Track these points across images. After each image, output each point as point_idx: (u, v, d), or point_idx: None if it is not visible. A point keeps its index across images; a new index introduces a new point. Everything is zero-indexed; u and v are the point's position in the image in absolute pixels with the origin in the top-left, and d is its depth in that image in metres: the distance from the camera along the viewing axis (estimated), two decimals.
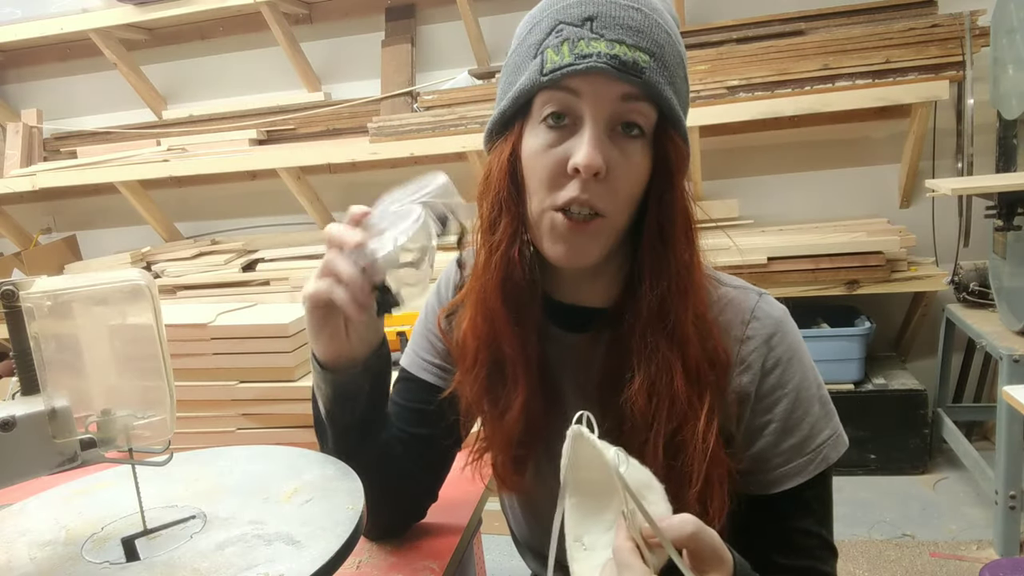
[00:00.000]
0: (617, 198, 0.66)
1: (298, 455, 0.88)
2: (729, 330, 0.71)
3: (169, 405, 0.68)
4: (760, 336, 0.70)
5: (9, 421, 0.62)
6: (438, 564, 0.85)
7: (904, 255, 2.51)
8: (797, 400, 0.70)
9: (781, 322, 0.71)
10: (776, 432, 0.70)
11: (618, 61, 0.62)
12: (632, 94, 0.64)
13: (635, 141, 0.66)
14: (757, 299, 0.72)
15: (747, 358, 0.70)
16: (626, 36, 0.63)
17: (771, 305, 0.72)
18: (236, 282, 2.99)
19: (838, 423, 0.73)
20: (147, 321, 0.66)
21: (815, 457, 0.70)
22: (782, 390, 0.70)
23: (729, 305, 0.72)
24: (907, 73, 2.46)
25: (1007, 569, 1.30)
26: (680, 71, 0.68)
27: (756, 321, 0.70)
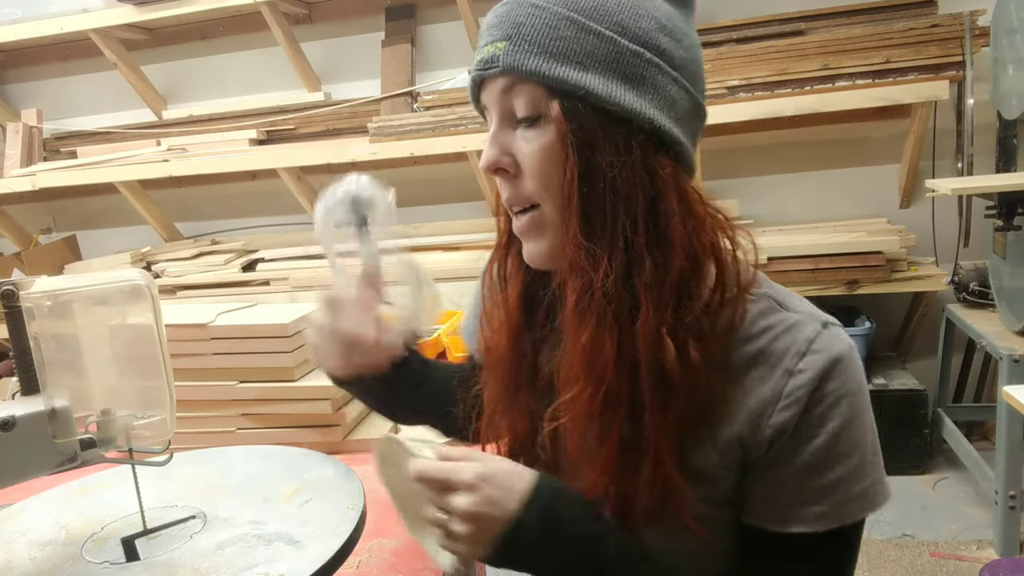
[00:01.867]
0: (534, 186, 0.64)
1: (298, 455, 0.88)
2: (780, 361, 0.63)
3: (169, 405, 0.68)
4: (813, 370, 0.62)
5: (9, 421, 0.62)
6: None
7: (904, 255, 2.51)
8: (835, 442, 0.62)
9: (841, 359, 0.62)
10: (800, 470, 0.63)
11: (482, 63, 0.64)
12: (507, 84, 0.63)
13: (533, 128, 0.63)
14: (820, 330, 0.63)
15: (793, 393, 0.62)
16: (489, 36, 0.64)
17: (835, 338, 0.63)
18: (236, 282, 2.99)
19: (877, 482, 0.64)
20: (147, 321, 0.66)
21: (835, 510, 0.63)
22: (822, 427, 0.62)
23: (787, 333, 0.64)
24: (907, 73, 2.46)
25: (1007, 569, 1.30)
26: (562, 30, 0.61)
27: (813, 354, 0.62)
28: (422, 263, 0.86)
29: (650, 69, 0.62)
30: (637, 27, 0.62)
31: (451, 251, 2.89)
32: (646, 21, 0.62)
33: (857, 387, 0.63)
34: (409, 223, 3.08)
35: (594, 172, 0.61)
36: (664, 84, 0.63)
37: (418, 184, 3.17)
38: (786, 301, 0.67)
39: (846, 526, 0.63)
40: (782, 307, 0.66)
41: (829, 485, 0.62)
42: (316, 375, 1.22)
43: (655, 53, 0.62)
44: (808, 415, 0.62)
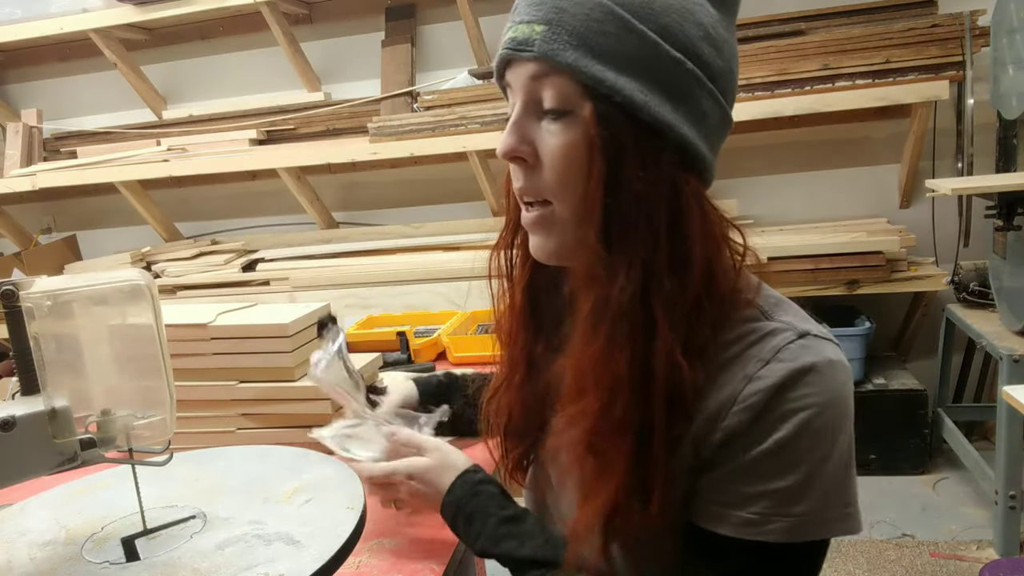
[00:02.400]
0: (551, 183, 0.62)
1: (298, 455, 0.88)
2: (743, 366, 0.60)
3: (169, 405, 0.68)
4: (772, 377, 0.58)
5: (9, 421, 0.62)
6: (438, 564, 0.85)
7: (904, 255, 2.51)
8: (780, 452, 0.58)
9: (810, 370, 0.58)
10: (740, 469, 0.60)
11: (515, 42, 0.60)
12: (538, 71, 0.60)
13: (557, 122, 0.60)
14: (792, 339, 0.60)
15: (749, 398, 0.59)
16: (526, 14, 0.60)
17: (808, 349, 0.59)
18: (236, 282, 2.99)
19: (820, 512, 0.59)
20: (147, 321, 0.66)
21: (761, 523, 0.59)
22: (770, 434, 0.58)
23: (760, 340, 0.61)
24: (907, 73, 2.46)
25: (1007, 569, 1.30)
26: (606, 25, 0.57)
27: (777, 363, 0.59)
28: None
29: (688, 80, 0.60)
30: (682, 33, 0.59)
31: (451, 251, 2.89)
32: (692, 27, 0.59)
33: (823, 402, 0.59)
34: (409, 223, 3.08)
35: (619, 182, 0.59)
36: (699, 97, 0.60)
37: (418, 184, 3.17)
38: (771, 311, 0.64)
39: (774, 544, 0.59)
40: (764, 316, 0.63)
41: (763, 494, 0.59)
42: None
43: (696, 63, 0.59)
44: (759, 420, 0.59)
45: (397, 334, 1.59)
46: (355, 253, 2.99)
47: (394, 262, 2.86)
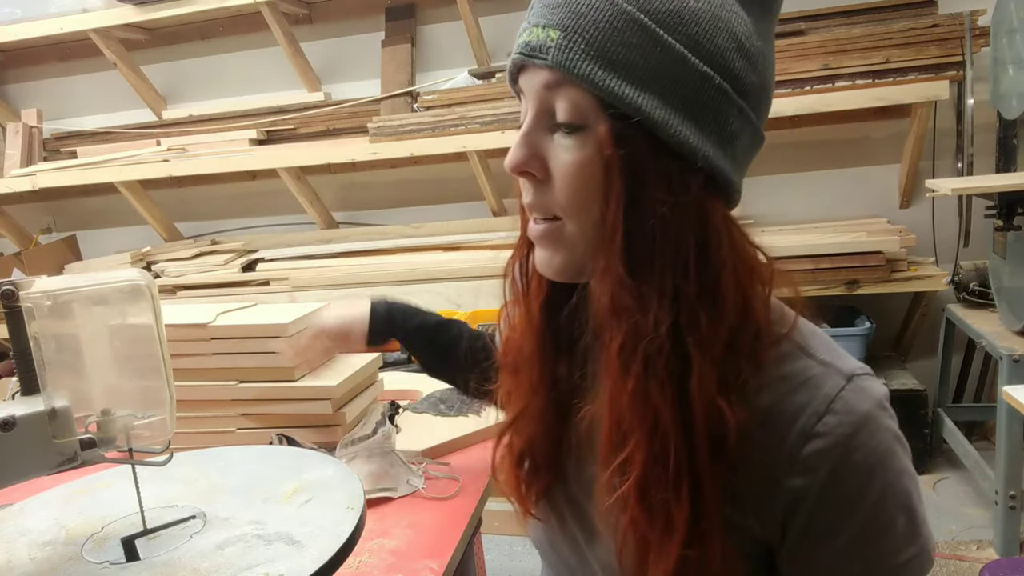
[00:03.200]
0: (561, 200, 0.57)
1: (298, 455, 0.88)
2: (796, 418, 0.55)
3: (169, 405, 0.68)
4: (835, 436, 0.54)
5: (9, 421, 0.62)
6: (438, 564, 0.85)
7: (904, 255, 2.51)
8: (876, 513, 0.55)
9: (868, 419, 0.55)
10: (846, 548, 0.55)
11: (529, 47, 0.55)
12: (552, 80, 0.55)
13: (570, 135, 0.56)
14: (843, 384, 0.55)
15: (811, 459, 0.54)
16: (542, 16, 0.55)
17: (860, 394, 0.56)
18: (236, 282, 2.99)
19: (926, 539, 0.57)
20: (147, 321, 0.66)
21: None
22: (858, 502, 0.55)
23: (805, 385, 0.56)
24: (907, 73, 2.46)
25: (1007, 569, 1.30)
26: (626, 35, 0.52)
27: (833, 415, 0.54)
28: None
29: (716, 97, 0.54)
30: (712, 44, 0.54)
31: (451, 251, 2.89)
32: (723, 38, 0.54)
33: (888, 446, 0.56)
34: (409, 223, 3.08)
35: (641, 205, 0.54)
36: (728, 116, 0.55)
37: (418, 184, 3.17)
38: (809, 345, 0.59)
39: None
40: (805, 354, 0.58)
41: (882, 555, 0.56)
42: (316, 375, 1.22)
43: (726, 78, 0.54)
44: (838, 490, 0.55)
45: None
46: (355, 253, 2.99)
47: (394, 262, 2.86)
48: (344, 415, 1.19)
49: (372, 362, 1.31)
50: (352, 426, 1.21)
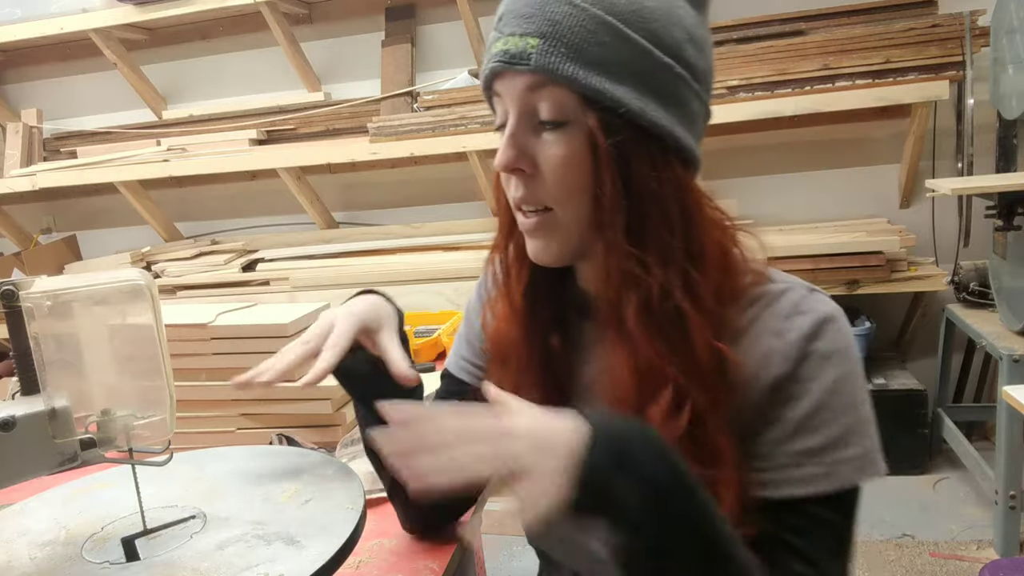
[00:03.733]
0: (553, 191, 0.63)
1: (298, 455, 0.88)
2: (768, 325, 0.64)
3: (169, 405, 0.68)
4: (800, 329, 0.63)
5: (9, 421, 0.62)
6: (438, 564, 0.85)
7: (904, 255, 2.51)
8: (826, 401, 0.62)
9: (830, 317, 0.64)
10: (791, 429, 0.62)
11: (508, 55, 0.61)
12: (534, 83, 0.61)
13: (555, 131, 0.62)
14: (805, 294, 0.65)
15: (783, 350, 0.63)
16: (517, 25, 0.60)
17: (821, 301, 0.65)
18: (236, 282, 2.99)
19: (875, 447, 0.63)
20: (147, 321, 0.66)
21: (832, 471, 0.61)
22: (809, 383, 0.62)
23: (775, 301, 0.65)
24: (907, 73, 2.46)
25: (1007, 569, 1.30)
26: (600, 35, 0.59)
27: (800, 315, 0.63)
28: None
29: (678, 84, 0.62)
30: (670, 37, 0.61)
31: (451, 251, 2.89)
32: (677, 31, 0.61)
33: (847, 347, 0.64)
34: (409, 223, 3.08)
35: (633, 185, 0.61)
36: (688, 99, 0.63)
37: (418, 184, 3.17)
38: (773, 274, 0.68)
39: (844, 491, 0.61)
40: (769, 280, 0.67)
41: (823, 445, 0.61)
42: None
43: (683, 67, 0.62)
44: (796, 372, 0.62)
45: None
46: (355, 253, 2.99)
47: (394, 262, 2.86)
48: (344, 415, 1.19)
49: None
50: (352, 426, 1.21)
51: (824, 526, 0.62)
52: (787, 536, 0.61)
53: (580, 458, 0.50)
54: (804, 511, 0.62)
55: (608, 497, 0.50)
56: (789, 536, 0.61)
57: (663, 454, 0.53)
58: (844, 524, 0.63)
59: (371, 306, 0.79)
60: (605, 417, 0.54)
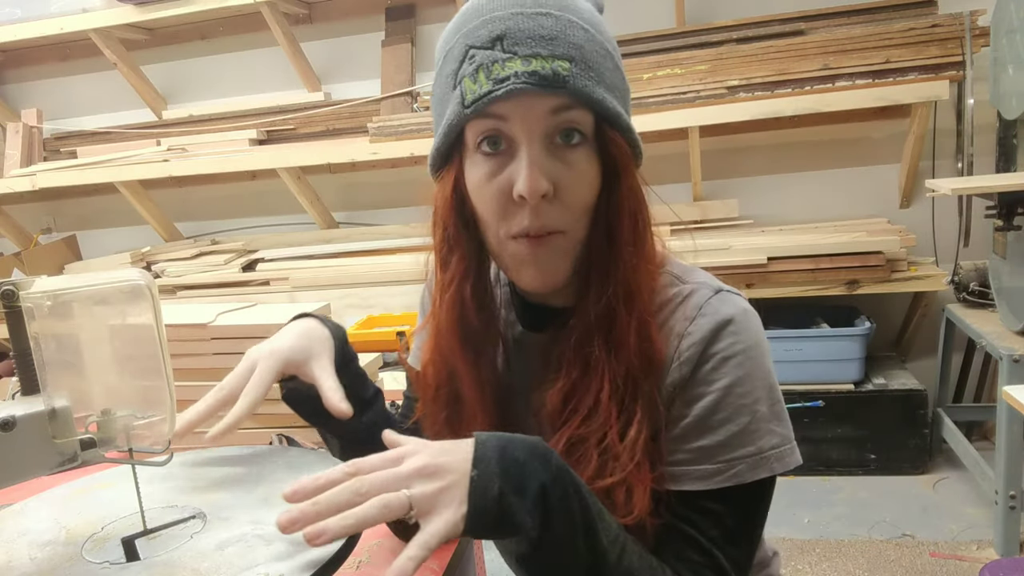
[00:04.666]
0: (571, 212, 0.64)
1: (298, 455, 0.88)
2: (675, 327, 0.67)
3: (169, 405, 0.68)
4: (700, 331, 0.65)
5: (9, 421, 0.62)
6: (438, 564, 0.85)
7: (904, 255, 2.51)
8: (722, 402, 0.65)
9: (731, 320, 0.65)
10: (689, 427, 0.65)
11: (537, 77, 0.59)
12: (561, 105, 0.61)
13: (577, 149, 0.63)
14: (710, 295, 0.67)
15: (684, 353, 0.65)
16: (540, 48, 0.60)
17: (725, 303, 0.67)
18: (236, 282, 2.99)
19: (773, 446, 0.65)
20: (147, 321, 0.66)
21: (726, 469, 0.64)
22: (707, 387, 0.65)
23: (683, 302, 0.68)
24: (907, 73, 2.46)
25: (1007, 569, 1.30)
26: (608, 62, 0.64)
27: (702, 318, 0.66)
28: None
29: (628, 95, 0.69)
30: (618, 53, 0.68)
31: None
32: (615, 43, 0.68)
33: (745, 348, 0.66)
34: (409, 223, 3.08)
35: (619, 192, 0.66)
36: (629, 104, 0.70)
37: (418, 184, 3.15)
38: (685, 275, 0.71)
39: (742, 486, 0.65)
40: (679, 280, 0.70)
41: (720, 444, 0.65)
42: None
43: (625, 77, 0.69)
44: (695, 374, 0.66)
45: (397, 334, 1.59)
46: (355, 253, 2.99)
47: (394, 262, 2.86)
48: None
49: (372, 362, 1.31)
50: None
51: (719, 518, 0.65)
52: (684, 526, 0.66)
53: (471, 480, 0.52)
54: (699, 504, 0.66)
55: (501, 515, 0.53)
56: (686, 526, 0.66)
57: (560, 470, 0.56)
58: (741, 516, 0.66)
59: (299, 337, 0.77)
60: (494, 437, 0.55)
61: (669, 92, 2.60)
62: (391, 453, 0.54)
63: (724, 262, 2.41)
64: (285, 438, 1.12)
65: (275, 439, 1.12)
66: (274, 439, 1.12)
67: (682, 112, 2.53)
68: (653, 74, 2.67)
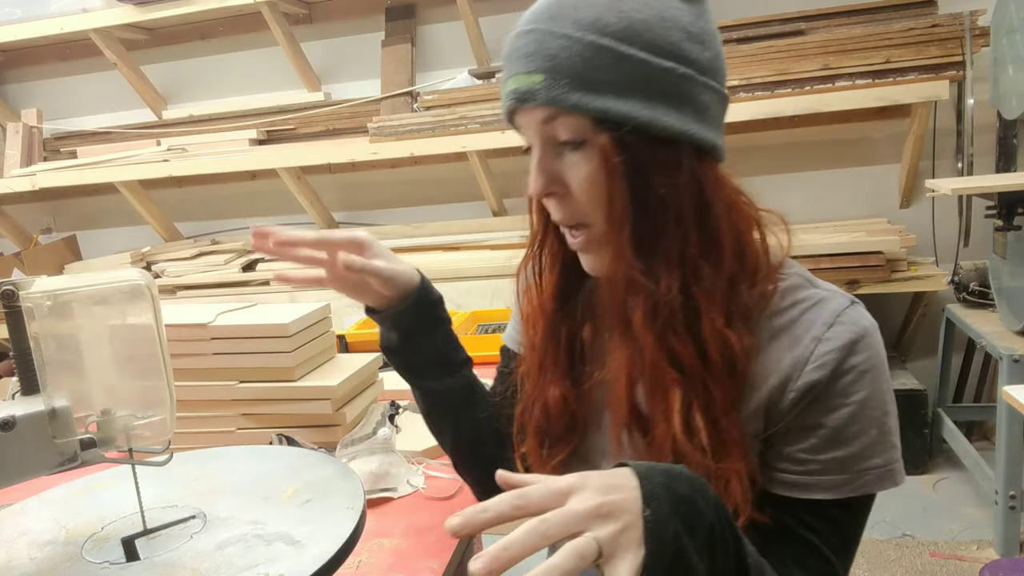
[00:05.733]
0: (585, 207, 0.67)
1: (298, 455, 0.88)
2: (809, 329, 0.66)
3: (169, 405, 0.68)
4: (841, 339, 0.65)
5: (9, 421, 0.62)
6: (438, 564, 0.85)
7: (904, 255, 2.51)
8: (858, 414, 0.66)
9: (868, 332, 0.66)
10: (825, 438, 0.66)
11: (518, 94, 0.65)
12: (547, 115, 0.64)
13: (577, 152, 0.65)
14: (847, 305, 0.68)
15: (822, 357, 0.65)
16: (520, 66, 0.64)
17: (861, 315, 0.68)
18: (236, 282, 2.99)
19: (896, 459, 0.69)
20: (147, 321, 0.66)
21: (856, 479, 0.66)
22: (847, 398, 0.66)
23: (816, 306, 0.68)
24: (907, 73, 2.46)
25: (1007, 569, 1.30)
26: (599, 59, 0.62)
27: (840, 325, 0.66)
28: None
29: (684, 83, 0.63)
30: (666, 42, 0.63)
31: (451, 251, 2.89)
32: (674, 33, 0.63)
33: (881, 363, 0.67)
34: (409, 223, 3.08)
35: (646, 194, 0.64)
36: (697, 93, 0.64)
37: (418, 184, 3.18)
38: (815, 280, 0.72)
39: (863, 496, 0.67)
40: (811, 284, 0.71)
41: (853, 455, 0.66)
42: (316, 375, 1.22)
43: (686, 65, 0.63)
44: (835, 384, 0.65)
45: None
46: None
47: None
48: (344, 415, 1.19)
49: (372, 362, 1.31)
50: (352, 426, 1.21)
51: (840, 527, 0.67)
52: (808, 535, 0.67)
53: (645, 521, 0.50)
54: (824, 512, 0.66)
55: (675, 556, 0.51)
56: (808, 533, 0.67)
57: (718, 505, 0.55)
58: (857, 526, 0.69)
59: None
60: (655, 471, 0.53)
61: None
62: (555, 486, 0.51)
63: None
64: (285, 438, 1.12)
65: (275, 439, 1.12)
66: (274, 439, 1.12)
67: None
68: None
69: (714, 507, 0.54)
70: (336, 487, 0.76)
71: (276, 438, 1.12)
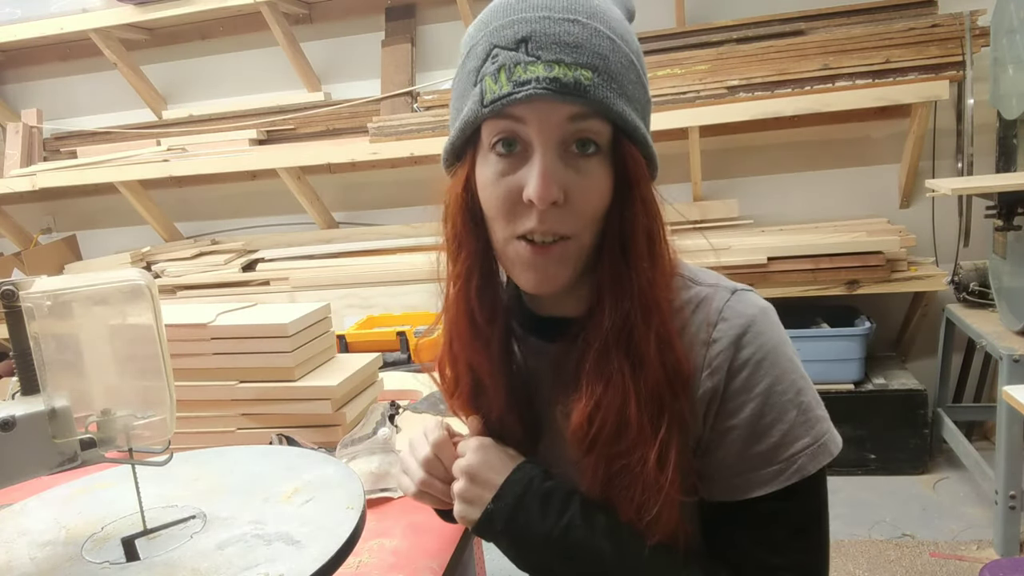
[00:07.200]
0: (580, 219, 0.63)
1: (298, 455, 0.88)
2: (698, 334, 0.66)
3: (169, 405, 0.68)
4: (727, 337, 0.65)
5: (9, 421, 0.62)
6: (438, 564, 0.85)
7: (904, 255, 2.51)
8: (767, 405, 0.65)
9: (754, 321, 0.65)
10: (742, 438, 0.65)
11: (559, 84, 0.59)
12: (580, 113, 0.60)
13: (591, 158, 0.62)
14: (728, 297, 0.67)
15: (713, 361, 0.65)
16: (564, 55, 0.59)
17: (744, 303, 0.66)
18: (236, 282, 2.99)
19: (824, 432, 0.66)
20: (147, 321, 0.66)
21: (787, 467, 0.64)
22: (748, 394, 0.64)
23: (700, 306, 0.67)
24: (907, 73, 2.46)
25: (1007, 569, 1.30)
26: (631, 74, 0.63)
27: (724, 322, 0.65)
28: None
29: (649, 107, 0.67)
30: (644, 65, 0.66)
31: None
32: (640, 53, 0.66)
33: (774, 345, 0.66)
34: (409, 223, 3.08)
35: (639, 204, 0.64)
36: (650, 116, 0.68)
37: (418, 184, 3.17)
38: (696, 277, 0.70)
39: (804, 479, 0.65)
40: (693, 282, 0.69)
41: (775, 445, 0.65)
42: (316, 375, 1.22)
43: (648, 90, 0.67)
44: (732, 383, 0.65)
45: (397, 334, 1.59)
46: (355, 253, 2.99)
47: (394, 262, 2.86)
48: (344, 415, 1.19)
49: (372, 362, 1.31)
50: (352, 426, 1.22)
51: (790, 517, 0.66)
52: (752, 532, 0.66)
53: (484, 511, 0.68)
54: (764, 507, 0.65)
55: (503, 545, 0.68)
56: (753, 531, 0.66)
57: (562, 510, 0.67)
58: (811, 508, 0.67)
59: None
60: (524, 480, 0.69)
61: (669, 92, 2.60)
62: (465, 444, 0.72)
63: (724, 262, 2.41)
64: (285, 438, 1.12)
65: (275, 439, 1.12)
66: (274, 439, 1.12)
67: (682, 112, 2.53)
68: (653, 74, 2.66)
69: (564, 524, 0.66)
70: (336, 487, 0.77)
71: (276, 438, 1.12)
